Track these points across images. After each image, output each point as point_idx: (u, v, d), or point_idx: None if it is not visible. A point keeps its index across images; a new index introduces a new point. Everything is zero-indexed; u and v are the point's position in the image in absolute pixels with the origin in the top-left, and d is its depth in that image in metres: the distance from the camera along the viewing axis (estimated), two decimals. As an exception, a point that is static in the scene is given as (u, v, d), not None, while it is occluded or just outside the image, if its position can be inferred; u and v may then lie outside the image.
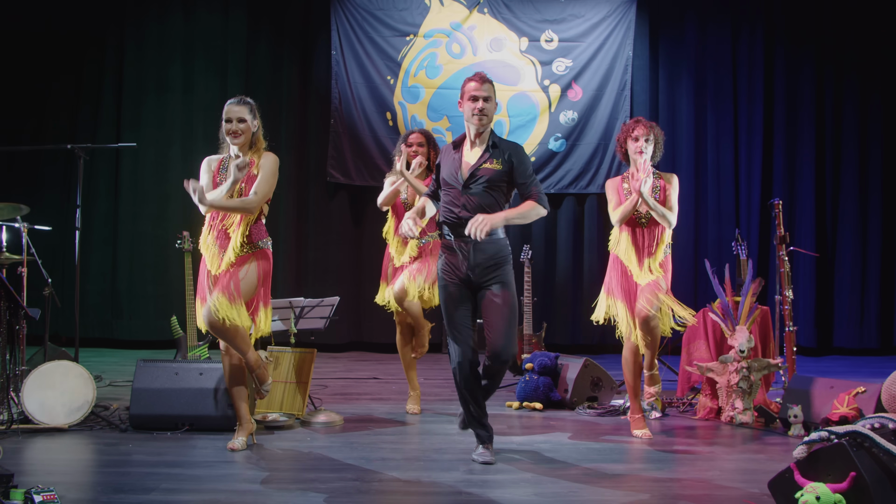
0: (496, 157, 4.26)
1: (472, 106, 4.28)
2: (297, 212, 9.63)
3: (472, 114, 4.28)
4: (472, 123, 4.30)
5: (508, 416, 5.66)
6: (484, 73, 4.36)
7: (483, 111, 4.26)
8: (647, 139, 5.04)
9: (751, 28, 9.88)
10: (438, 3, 9.56)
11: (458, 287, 4.27)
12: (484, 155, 4.27)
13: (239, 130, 4.61)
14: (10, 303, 4.83)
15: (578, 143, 9.60)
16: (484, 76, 4.32)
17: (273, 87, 9.56)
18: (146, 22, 9.47)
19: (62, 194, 9.09)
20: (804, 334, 9.49)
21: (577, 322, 9.60)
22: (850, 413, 4.75)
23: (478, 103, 4.26)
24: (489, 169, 4.24)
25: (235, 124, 4.60)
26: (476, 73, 4.35)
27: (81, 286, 6.61)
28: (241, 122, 4.61)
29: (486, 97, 4.26)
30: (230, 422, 4.85)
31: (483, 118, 4.27)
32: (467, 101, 4.30)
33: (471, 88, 4.29)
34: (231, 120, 4.61)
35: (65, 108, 9.43)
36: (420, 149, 5.65)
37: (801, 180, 9.84)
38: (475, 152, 4.31)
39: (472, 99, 4.28)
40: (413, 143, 5.66)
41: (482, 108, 4.26)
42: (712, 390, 5.72)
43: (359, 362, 8.65)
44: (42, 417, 4.89)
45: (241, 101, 4.66)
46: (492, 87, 4.32)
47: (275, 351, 5.54)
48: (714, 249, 9.51)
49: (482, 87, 4.27)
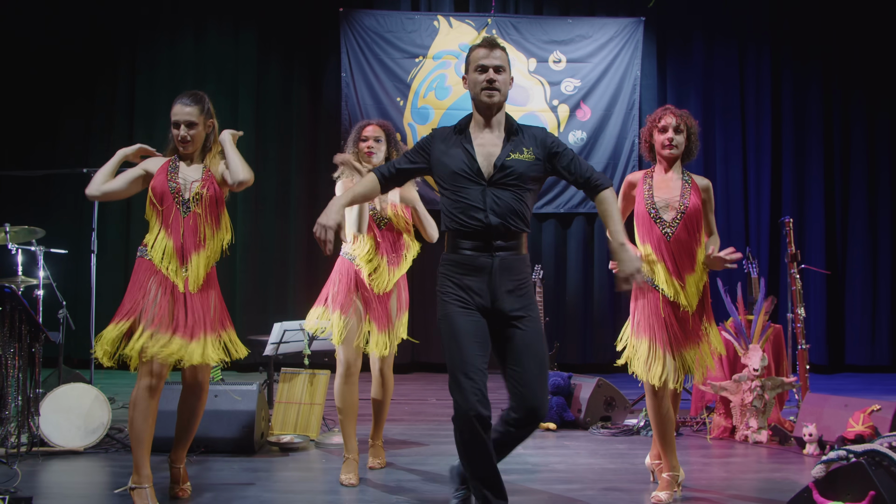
0: (525, 145, 3.36)
1: (479, 78, 3.34)
2: (308, 233, 9.67)
3: (480, 88, 3.33)
4: (481, 101, 3.35)
5: (522, 437, 5.66)
6: (493, 38, 3.42)
7: (493, 83, 3.32)
8: (677, 129, 4.06)
9: (757, 47, 9.93)
10: (447, 25, 9.63)
11: (473, 317, 3.27)
12: (507, 143, 3.35)
13: (189, 137, 3.82)
14: (30, 326, 4.84)
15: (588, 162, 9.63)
16: (493, 40, 3.39)
17: (284, 110, 9.63)
18: (158, 46, 9.55)
19: (75, 217, 9.13)
20: (816, 352, 9.46)
21: (589, 341, 9.60)
22: (865, 431, 4.75)
23: (487, 73, 3.33)
24: (520, 161, 3.31)
25: (184, 130, 3.82)
26: (484, 38, 3.42)
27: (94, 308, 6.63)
28: (190, 127, 3.83)
29: (498, 66, 3.34)
30: (245, 444, 4.86)
31: (494, 94, 3.32)
32: (473, 73, 3.37)
33: (478, 56, 3.36)
34: (179, 125, 3.82)
35: (77, 131, 9.50)
36: (377, 145, 4.51)
37: (811, 198, 9.85)
38: (492, 139, 3.37)
39: (480, 69, 3.34)
40: (369, 136, 4.52)
41: (492, 79, 3.32)
42: (726, 409, 5.71)
43: (370, 383, 8.64)
44: (58, 440, 4.91)
45: (193, 100, 3.87)
46: (505, 56, 3.39)
47: (288, 372, 5.56)
48: (725, 268, 9.49)
49: (492, 53, 3.35)
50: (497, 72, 3.32)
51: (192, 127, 3.82)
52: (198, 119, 3.84)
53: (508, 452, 3.37)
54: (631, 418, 5.99)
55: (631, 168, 9.45)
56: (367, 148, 4.48)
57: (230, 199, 4.02)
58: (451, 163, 3.33)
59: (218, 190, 3.88)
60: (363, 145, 4.49)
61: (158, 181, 3.83)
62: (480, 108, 3.38)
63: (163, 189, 3.81)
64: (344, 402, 4.42)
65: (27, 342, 4.87)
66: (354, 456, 4.39)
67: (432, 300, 3.61)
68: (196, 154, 3.90)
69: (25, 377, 4.86)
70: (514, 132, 3.38)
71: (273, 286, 9.42)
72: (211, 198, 3.83)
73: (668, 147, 4.05)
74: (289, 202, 9.54)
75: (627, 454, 5.09)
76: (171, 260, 3.77)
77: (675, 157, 4.09)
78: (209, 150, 3.93)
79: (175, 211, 3.80)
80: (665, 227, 3.99)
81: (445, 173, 3.35)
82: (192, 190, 3.82)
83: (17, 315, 4.72)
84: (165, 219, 3.80)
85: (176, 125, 3.82)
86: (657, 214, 4.01)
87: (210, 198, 3.83)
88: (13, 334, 4.74)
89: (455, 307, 3.28)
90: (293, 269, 9.41)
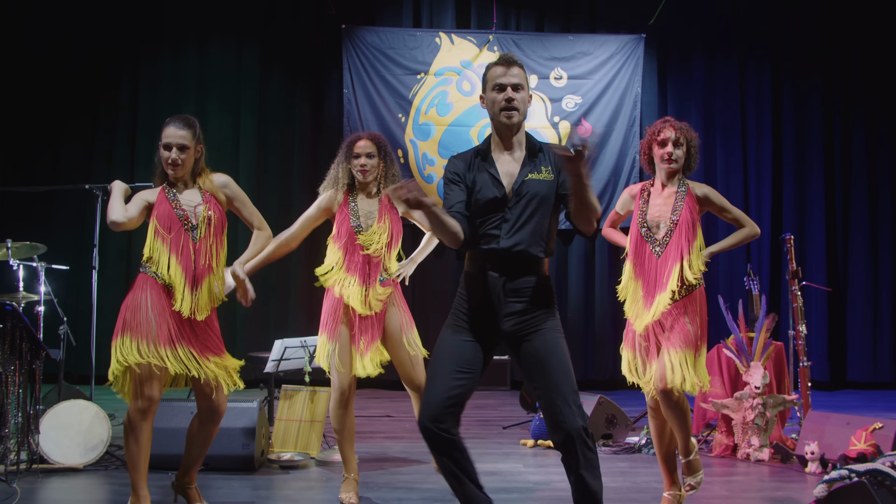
0: (544, 164, 3.22)
1: (498, 97, 3.20)
2: (309, 250, 9.66)
3: (499, 109, 3.20)
4: (500, 121, 3.22)
5: (524, 455, 5.64)
6: (511, 55, 3.28)
7: (512, 102, 3.18)
8: (676, 143, 4.00)
9: (758, 63, 9.95)
10: (449, 42, 9.66)
11: (462, 336, 3.17)
12: (527, 164, 3.22)
13: (179, 161, 3.82)
14: (31, 344, 4.84)
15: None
16: (511, 57, 3.25)
17: (285, 126, 9.64)
18: (161, 62, 9.58)
19: (77, 232, 9.14)
20: (817, 369, 9.43)
21: (590, 358, 9.59)
22: (867, 450, 4.73)
23: (505, 92, 3.19)
24: (539, 181, 3.19)
25: (176, 153, 3.82)
26: (501, 56, 3.28)
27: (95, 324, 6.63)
28: (182, 150, 3.83)
29: (516, 84, 3.19)
30: (245, 462, 4.84)
31: (513, 114, 3.19)
32: (491, 92, 3.23)
33: (496, 75, 3.22)
34: (171, 147, 3.82)
35: (80, 147, 9.51)
36: (370, 161, 4.34)
37: (812, 214, 9.85)
38: (512, 160, 3.24)
39: (498, 88, 3.20)
40: (361, 152, 4.33)
41: (511, 97, 3.17)
42: (728, 427, 5.69)
43: (371, 400, 8.63)
44: (58, 457, 4.89)
45: (186, 124, 3.86)
46: (523, 73, 3.23)
47: (289, 390, 5.55)
48: (726, 284, 9.50)
49: (510, 71, 3.20)
50: (515, 90, 3.19)
51: (184, 150, 3.82)
52: (190, 143, 3.84)
53: (583, 483, 3.13)
54: (632, 436, 5.98)
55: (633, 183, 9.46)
56: (361, 166, 4.33)
57: (230, 216, 4.02)
58: (483, 191, 3.19)
59: (221, 210, 3.90)
60: (356, 162, 4.34)
61: (163, 210, 3.82)
62: (500, 130, 3.26)
63: (170, 217, 3.80)
64: (340, 425, 4.34)
65: (28, 359, 4.86)
66: (354, 475, 4.36)
67: (431, 318, 3.60)
68: (186, 178, 3.90)
69: (25, 394, 4.85)
70: (535, 152, 3.25)
71: (274, 303, 9.41)
72: (218, 220, 3.87)
73: (667, 161, 4.00)
74: (290, 218, 9.46)
75: (629, 472, 5.07)
76: (183, 286, 3.75)
77: (675, 171, 4.03)
78: (199, 174, 3.93)
79: (185, 237, 3.80)
80: (656, 245, 3.94)
81: (478, 201, 3.20)
82: (199, 214, 3.83)
83: (17, 332, 4.72)
84: (175, 246, 3.78)
85: (167, 147, 3.81)
86: (649, 233, 3.98)
87: (218, 220, 3.86)
88: (14, 351, 4.74)
89: (451, 327, 3.21)
90: (294, 286, 9.40)
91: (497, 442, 6.05)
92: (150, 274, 3.78)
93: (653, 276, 3.91)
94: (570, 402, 3.01)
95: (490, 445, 5.86)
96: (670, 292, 3.84)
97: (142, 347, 3.67)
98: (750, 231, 4.08)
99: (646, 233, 3.99)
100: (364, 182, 4.38)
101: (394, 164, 4.47)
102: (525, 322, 3.14)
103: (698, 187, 4.05)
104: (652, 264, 3.93)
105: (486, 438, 6.15)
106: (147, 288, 3.76)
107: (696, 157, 4.08)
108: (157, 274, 3.77)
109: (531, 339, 3.13)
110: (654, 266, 3.92)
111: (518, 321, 3.14)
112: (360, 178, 4.36)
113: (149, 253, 3.80)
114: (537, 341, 3.12)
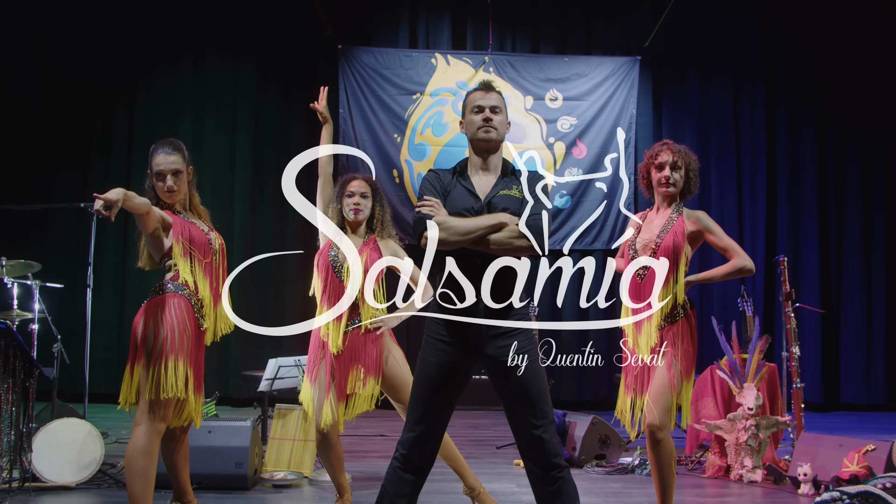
0: (516, 183, 3.27)
1: (476, 118, 3.28)
2: (303, 268, 9.67)
3: (476, 127, 3.27)
4: (478, 138, 3.27)
5: (516, 475, 5.63)
6: (489, 81, 3.38)
7: (490, 122, 3.25)
8: (674, 166, 3.95)
9: (752, 86, 10.03)
10: (444, 63, 9.73)
11: (438, 360, 3.17)
12: (500, 181, 3.28)
13: (175, 187, 3.73)
14: (24, 362, 4.83)
15: (583, 200, 9.68)
16: (489, 83, 3.35)
17: (282, 145, 9.67)
18: (157, 81, 9.62)
19: (71, 250, 9.14)
20: (811, 390, 9.45)
21: (583, 378, 9.59)
22: (860, 472, 4.74)
23: (483, 112, 3.27)
24: (510, 197, 3.22)
25: (171, 180, 3.71)
26: (480, 82, 3.37)
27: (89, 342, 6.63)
28: (176, 175, 3.72)
29: (494, 107, 3.28)
30: (238, 481, 4.83)
31: (491, 130, 3.25)
32: (470, 114, 3.31)
33: (474, 98, 3.32)
34: (164, 175, 3.70)
35: (76, 165, 9.54)
36: (363, 201, 4.28)
37: (805, 236, 9.90)
38: (487, 180, 3.28)
39: (477, 109, 3.29)
40: (355, 192, 4.28)
41: (489, 118, 3.25)
42: (721, 448, 5.70)
43: (364, 419, 8.55)
44: (50, 475, 4.87)
45: (174, 147, 3.75)
46: (500, 99, 3.33)
47: (283, 409, 5.54)
48: (720, 306, 9.52)
49: (488, 94, 3.30)
50: (493, 112, 3.26)
51: (178, 175, 3.73)
52: (182, 166, 3.75)
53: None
54: (626, 457, 5.97)
55: (626, 205, 9.48)
56: (354, 205, 4.25)
57: (227, 238, 4.03)
58: (457, 201, 3.21)
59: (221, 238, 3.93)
60: (349, 201, 4.26)
61: (195, 231, 3.76)
62: (478, 149, 3.30)
63: (202, 240, 3.76)
64: (325, 461, 4.25)
65: (21, 377, 4.85)
66: (348, 495, 4.33)
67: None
68: (183, 204, 3.82)
69: (18, 412, 4.85)
70: (508, 173, 3.30)
71: (269, 322, 9.38)
72: (222, 246, 3.89)
73: (664, 185, 3.94)
74: (285, 237, 9.56)
75: (622, 493, 5.07)
76: (211, 311, 3.76)
77: (672, 195, 3.97)
78: (191, 199, 3.88)
79: (209, 262, 3.78)
80: (640, 268, 3.86)
81: (451, 211, 3.19)
82: (215, 241, 3.83)
83: (11, 350, 4.71)
84: (207, 271, 3.76)
85: (161, 176, 3.70)
86: (636, 255, 3.93)
87: (221, 246, 3.88)
88: (7, 370, 4.73)
89: (427, 352, 3.20)
90: (289, 306, 9.39)
91: (490, 462, 6.05)
92: (185, 296, 3.69)
93: (638, 301, 3.85)
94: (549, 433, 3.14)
95: (483, 465, 5.84)
96: (655, 318, 3.81)
97: (189, 374, 3.64)
98: (741, 264, 3.90)
99: (633, 255, 3.96)
100: (355, 221, 4.30)
101: (386, 210, 4.40)
102: (501, 348, 3.16)
103: (690, 213, 3.97)
104: (634, 287, 3.88)
105: (479, 458, 6.14)
106: (183, 310, 3.67)
107: (695, 182, 4.01)
108: (191, 297, 3.71)
109: (508, 368, 3.15)
110: (637, 290, 3.87)
111: (496, 346, 3.17)
112: (351, 218, 4.28)
113: (185, 276, 3.70)
114: (514, 372, 3.14)
